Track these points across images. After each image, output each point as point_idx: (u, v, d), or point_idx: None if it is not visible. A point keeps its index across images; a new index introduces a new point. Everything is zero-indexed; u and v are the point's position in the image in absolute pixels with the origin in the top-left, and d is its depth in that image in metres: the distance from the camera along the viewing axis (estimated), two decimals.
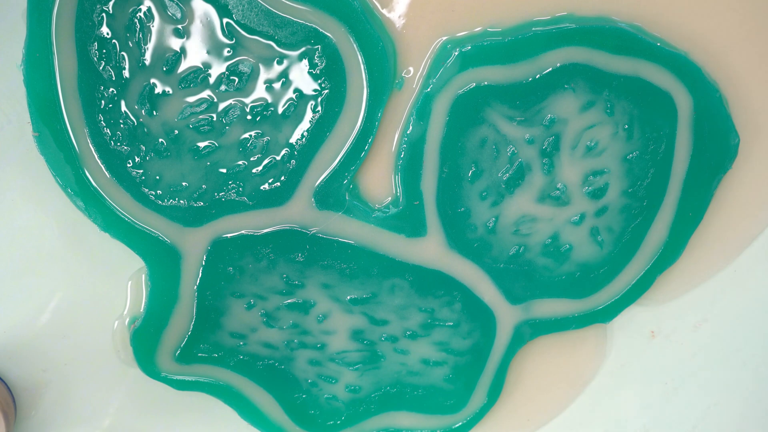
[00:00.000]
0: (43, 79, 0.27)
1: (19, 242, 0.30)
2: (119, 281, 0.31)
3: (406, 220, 0.30)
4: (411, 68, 0.29)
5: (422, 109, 0.29)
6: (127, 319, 0.31)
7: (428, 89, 0.29)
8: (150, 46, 0.28)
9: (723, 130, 0.30)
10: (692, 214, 0.31)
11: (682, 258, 0.32)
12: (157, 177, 0.29)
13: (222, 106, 0.28)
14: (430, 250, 0.31)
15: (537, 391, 0.34)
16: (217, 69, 0.28)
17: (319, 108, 0.29)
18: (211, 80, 0.28)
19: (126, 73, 0.28)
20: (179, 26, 0.28)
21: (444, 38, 0.29)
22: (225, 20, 0.28)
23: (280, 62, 0.28)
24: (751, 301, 0.34)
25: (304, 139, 0.29)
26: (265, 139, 0.29)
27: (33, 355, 0.31)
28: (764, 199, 0.33)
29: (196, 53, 0.28)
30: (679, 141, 0.30)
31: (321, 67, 0.28)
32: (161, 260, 0.30)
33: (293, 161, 0.29)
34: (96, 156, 0.28)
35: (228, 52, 0.28)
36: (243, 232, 0.30)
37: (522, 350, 0.33)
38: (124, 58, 0.28)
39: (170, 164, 0.29)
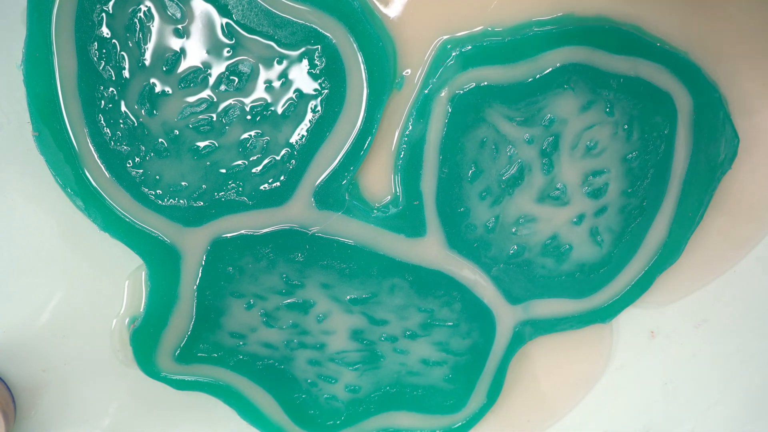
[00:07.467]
0: (43, 78, 0.27)
1: (19, 242, 0.30)
2: (119, 281, 0.31)
3: (406, 220, 0.30)
4: (410, 68, 0.29)
5: (422, 109, 0.29)
6: (126, 319, 0.31)
7: (428, 89, 0.29)
8: (150, 46, 0.28)
9: (722, 131, 0.30)
10: (692, 215, 0.31)
11: (683, 259, 0.32)
12: (157, 177, 0.29)
13: (222, 106, 0.28)
14: (430, 250, 0.31)
15: (537, 392, 0.34)
16: (217, 69, 0.28)
17: (319, 108, 0.29)
18: (211, 80, 0.28)
19: (126, 73, 0.28)
20: (179, 26, 0.28)
21: (444, 38, 0.29)
22: (225, 20, 0.28)
23: (279, 62, 0.28)
24: (751, 301, 0.34)
25: (303, 139, 0.29)
26: (264, 139, 0.29)
27: (33, 355, 0.31)
28: (764, 200, 0.33)
29: (196, 53, 0.28)
30: (679, 141, 0.30)
31: (321, 67, 0.28)
32: (161, 260, 0.30)
33: (293, 161, 0.29)
34: (96, 156, 0.28)
35: (228, 52, 0.28)
36: (243, 231, 0.30)
37: (522, 350, 0.33)
38: (124, 58, 0.28)
39: (170, 164, 0.29)
